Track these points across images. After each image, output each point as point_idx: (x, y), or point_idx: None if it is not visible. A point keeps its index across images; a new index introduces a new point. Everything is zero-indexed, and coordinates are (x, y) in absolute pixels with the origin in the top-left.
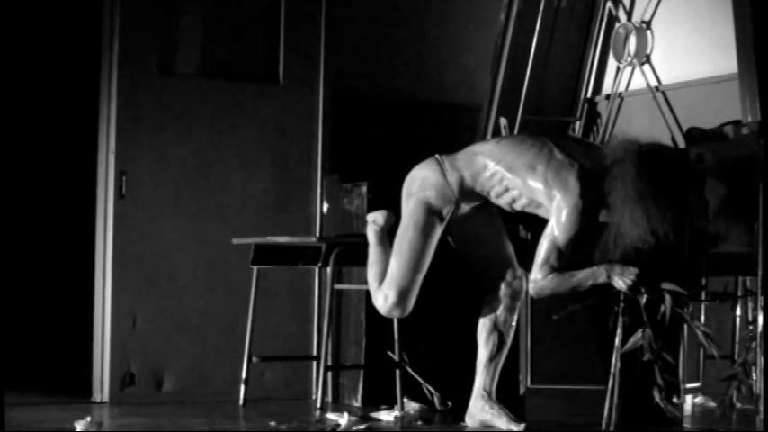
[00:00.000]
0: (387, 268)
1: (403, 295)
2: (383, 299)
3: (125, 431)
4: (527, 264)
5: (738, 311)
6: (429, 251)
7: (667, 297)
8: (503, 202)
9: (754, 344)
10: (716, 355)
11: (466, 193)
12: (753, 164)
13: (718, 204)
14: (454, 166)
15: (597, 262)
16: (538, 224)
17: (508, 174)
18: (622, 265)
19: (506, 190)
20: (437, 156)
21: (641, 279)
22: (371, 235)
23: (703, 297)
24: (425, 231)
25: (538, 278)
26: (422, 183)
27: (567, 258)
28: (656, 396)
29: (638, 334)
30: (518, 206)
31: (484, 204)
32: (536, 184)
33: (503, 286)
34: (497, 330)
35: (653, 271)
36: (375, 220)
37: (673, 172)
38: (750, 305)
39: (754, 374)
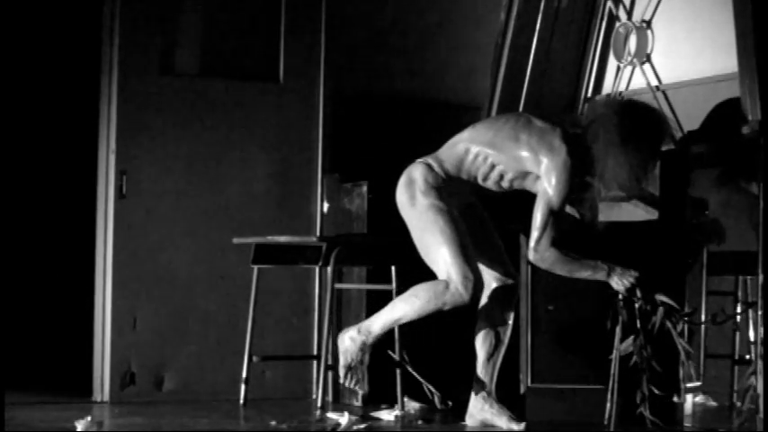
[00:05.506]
0: (408, 297)
1: (475, 270)
2: (461, 285)
3: (125, 431)
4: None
5: (738, 309)
6: (464, 229)
7: (660, 309)
8: (491, 182)
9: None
10: (693, 376)
11: (455, 184)
12: (753, 163)
13: (717, 203)
14: (437, 161)
15: (586, 221)
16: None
17: (491, 150)
18: (623, 268)
19: (492, 167)
20: (418, 159)
21: (639, 284)
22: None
23: (702, 320)
24: (450, 215)
25: (540, 248)
26: (418, 185)
27: (563, 223)
28: (641, 407)
29: (630, 340)
30: (506, 182)
31: (472, 204)
32: (521, 153)
33: (498, 286)
34: (494, 330)
35: (651, 279)
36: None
37: (650, 125)
38: (750, 312)
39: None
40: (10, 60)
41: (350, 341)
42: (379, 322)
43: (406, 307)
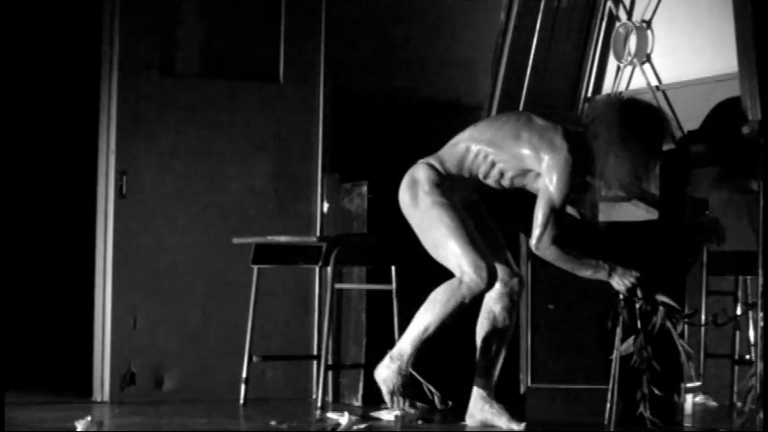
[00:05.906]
0: (428, 307)
1: (485, 256)
2: (475, 274)
3: (126, 431)
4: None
5: (739, 310)
6: (470, 222)
7: (661, 309)
8: (491, 180)
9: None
10: (693, 376)
11: (456, 182)
12: (753, 163)
13: (717, 203)
14: (439, 160)
15: (586, 220)
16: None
17: (491, 149)
18: (624, 268)
19: (493, 165)
20: (420, 160)
21: (640, 284)
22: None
23: (702, 321)
24: (454, 209)
25: (541, 246)
26: (421, 184)
27: (564, 221)
28: (641, 407)
29: (630, 340)
30: (506, 180)
31: (475, 203)
32: (523, 151)
33: (501, 286)
34: (496, 330)
35: (652, 279)
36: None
37: (651, 123)
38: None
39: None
40: (10, 60)
41: (386, 370)
42: (408, 341)
43: (428, 315)
